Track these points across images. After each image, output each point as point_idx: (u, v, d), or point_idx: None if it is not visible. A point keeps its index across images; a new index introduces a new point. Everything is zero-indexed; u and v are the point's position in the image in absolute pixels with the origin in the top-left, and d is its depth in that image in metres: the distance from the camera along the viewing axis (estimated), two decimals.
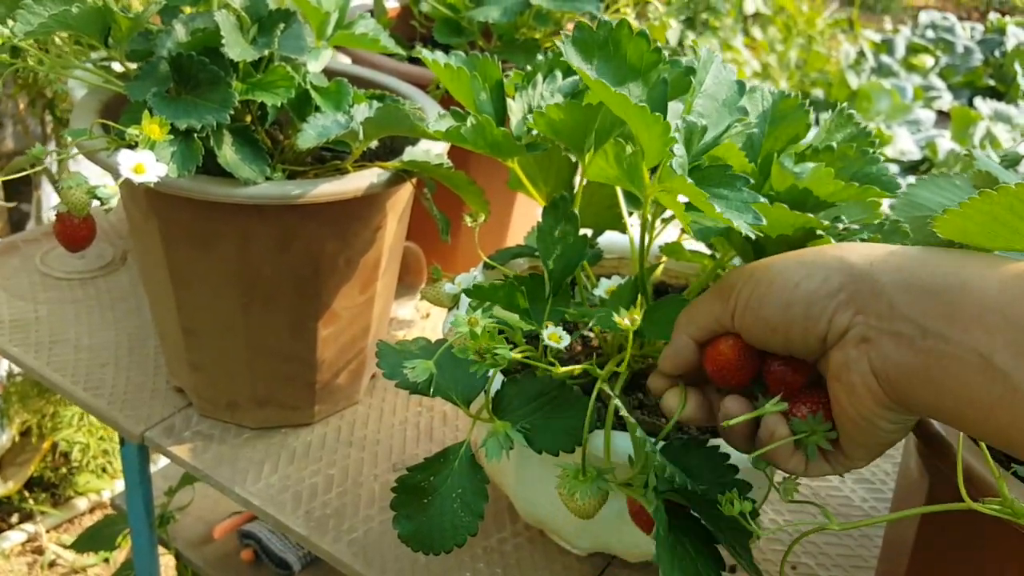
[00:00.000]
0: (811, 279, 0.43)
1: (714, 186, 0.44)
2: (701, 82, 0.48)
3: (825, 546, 0.73)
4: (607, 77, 0.48)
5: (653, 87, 0.48)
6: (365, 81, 0.84)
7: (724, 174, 0.44)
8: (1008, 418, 0.38)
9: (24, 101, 1.67)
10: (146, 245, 0.72)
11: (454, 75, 0.57)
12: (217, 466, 0.73)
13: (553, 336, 0.51)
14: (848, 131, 0.58)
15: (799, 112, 0.54)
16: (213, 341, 0.73)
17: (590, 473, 0.51)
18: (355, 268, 0.73)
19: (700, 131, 0.44)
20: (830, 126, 0.57)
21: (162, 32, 0.68)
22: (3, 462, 1.75)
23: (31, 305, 0.92)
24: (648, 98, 0.48)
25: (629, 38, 0.48)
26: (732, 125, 0.46)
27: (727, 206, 0.43)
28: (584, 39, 0.49)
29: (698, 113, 0.48)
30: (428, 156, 0.68)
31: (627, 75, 0.48)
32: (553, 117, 0.49)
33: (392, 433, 0.80)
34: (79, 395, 0.81)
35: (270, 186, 0.65)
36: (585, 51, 0.48)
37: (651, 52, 0.48)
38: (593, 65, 0.48)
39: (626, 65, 0.48)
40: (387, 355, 0.58)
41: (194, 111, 0.63)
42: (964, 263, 0.41)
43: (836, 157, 0.52)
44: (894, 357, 0.41)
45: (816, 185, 0.48)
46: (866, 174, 0.52)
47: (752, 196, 0.43)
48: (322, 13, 0.69)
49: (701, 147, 0.45)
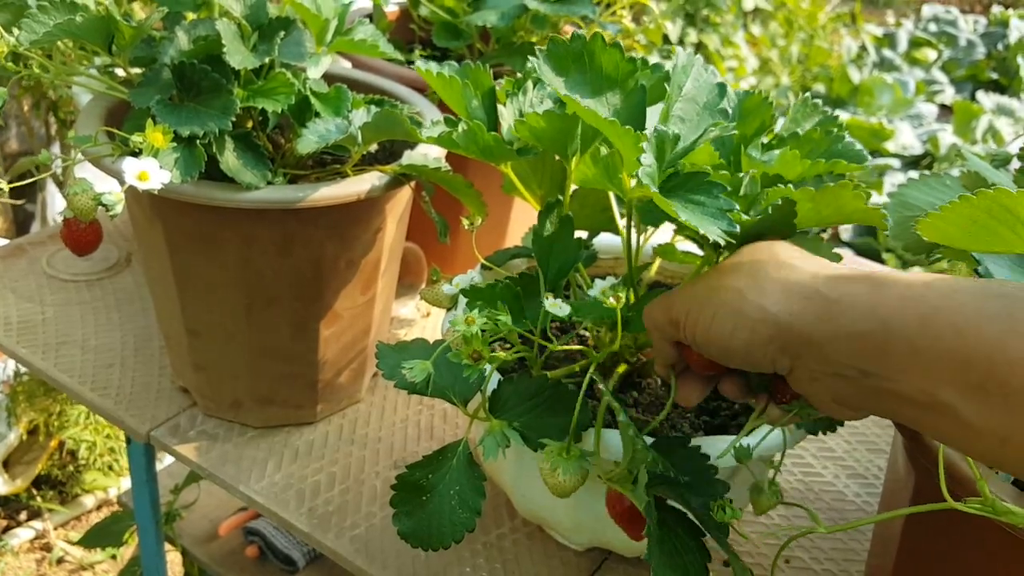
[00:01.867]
0: (741, 330, 0.44)
1: (691, 192, 0.45)
2: (681, 86, 0.49)
3: (818, 540, 0.75)
4: (584, 88, 0.49)
5: (630, 95, 0.49)
6: (365, 85, 0.85)
7: (701, 181, 0.45)
8: (964, 448, 0.39)
9: (28, 103, 1.69)
10: (151, 248, 0.73)
11: (446, 83, 0.58)
12: (222, 465, 0.75)
13: (554, 305, 0.52)
14: (815, 119, 0.59)
15: (763, 106, 0.56)
16: (216, 342, 0.74)
17: (574, 451, 0.53)
18: (356, 270, 0.74)
19: (672, 139, 0.45)
20: (795, 115, 0.59)
21: (164, 39, 0.70)
22: (11, 460, 1.77)
23: (38, 307, 0.93)
24: (625, 106, 0.49)
25: (603, 50, 0.50)
26: (708, 129, 0.48)
27: (702, 212, 0.44)
28: (558, 53, 0.50)
29: (678, 117, 0.49)
30: (426, 160, 0.70)
31: (604, 85, 0.50)
32: (534, 125, 0.50)
33: (393, 431, 0.81)
34: (86, 395, 0.82)
35: (271, 191, 0.66)
36: (559, 65, 0.49)
37: (626, 62, 0.49)
38: (569, 77, 0.49)
39: (602, 76, 0.50)
40: (386, 356, 0.59)
41: (196, 118, 0.64)
42: (878, 300, 0.41)
43: (803, 142, 0.54)
44: (844, 392, 0.42)
45: (784, 168, 0.49)
46: (832, 152, 0.53)
47: (728, 203, 0.44)
48: (322, 20, 0.70)
49: (679, 151, 0.47)
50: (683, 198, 0.44)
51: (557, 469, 0.52)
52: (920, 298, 0.39)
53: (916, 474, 0.54)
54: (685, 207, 0.44)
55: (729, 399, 0.60)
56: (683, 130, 0.48)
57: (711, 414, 0.65)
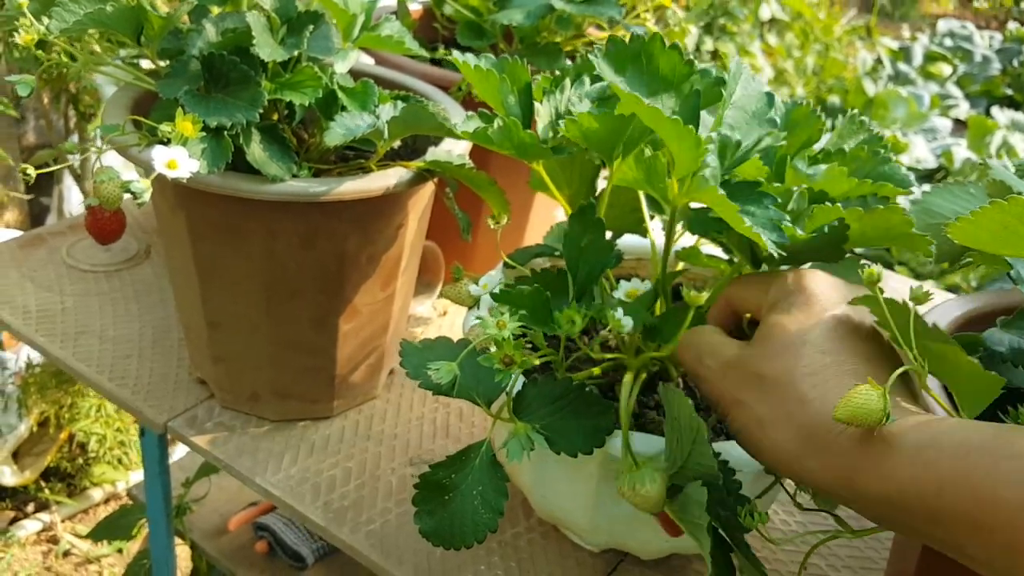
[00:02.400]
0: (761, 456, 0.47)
1: (742, 201, 0.45)
2: (731, 93, 0.49)
3: (836, 547, 0.74)
4: (640, 89, 0.49)
5: (686, 99, 0.49)
6: (388, 82, 0.85)
7: (753, 190, 0.45)
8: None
9: (48, 96, 1.69)
10: (173, 239, 0.74)
11: (483, 77, 0.58)
12: (238, 456, 0.75)
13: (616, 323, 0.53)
14: (861, 136, 0.59)
15: (812, 118, 0.55)
16: (237, 334, 0.74)
17: (641, 461, 0.52)
18: (377, 265, 0.74)
19: (734, 145, 0.45)
20: (842, 131, 0.58)
21: (192, 31, 0.70)
22: (20, 452, 1.77)
23: (57, 296, 0.93)
24: (680, 109, 0.49)
25: (662, 51, 0.49)
26: (763, 137, 0.47)
27: (754, 222, 0.44)
28: (617, 52, 0.49)
29: (729, 125, 0.49)
30: (450, 156, 0.70)
31: (659, 87, 0.49)
32: (585, 125, 0.50)
33: (409, 428, 0.81)
34: (104, 385, 0.82)
35: (296, 183, 0.66)
36: (618, 63, 0.49)
37: (683, 64, 0.49)
38: (625, 77, 0.49)
39: (659, 77, 0.49)
40: (411, 355, 0.59)
41: (224, 109, 0.64)
42: (893, 466, 0.40)
43: (849, 159, 0.53)
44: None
45: (830, 185, 0.49)
46: (879, 173, 0.53)
47: (778, 215, 0.44)
48: (349, 15, 0.70)
49: (737, 158, 0.46)
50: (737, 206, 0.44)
51: (635, 484, 0.51)
52: (933, 463, 0.39)
53: None
54: (742, 215, 0.44)
55: None
56: (735, 137, 0.48)
57: None
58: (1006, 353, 0.51)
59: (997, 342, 0.52)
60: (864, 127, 0.60)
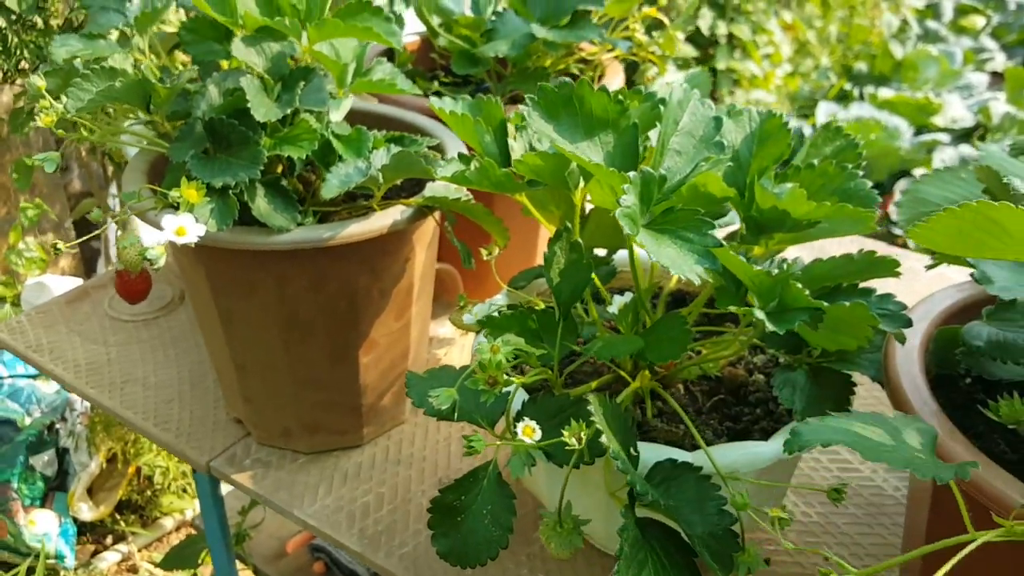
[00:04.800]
0: None
1: (682, 228, 0.47)
2: (677, 120, 0.51)
3: (858, 536, 0.75)
4: (577, 130, 0.52)
5: (622, 134, 0.51)
6: (389, 119, 0.88)
7: (693, 218, 0.47)
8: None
9: (86, 148, 1.77)
10: (196, 290, 0.78)
11: (459, 120, 0.61)
12: (276, 491, 0.79)
13: (527, 430, 0.53)
14: (837, 143, 0.60)
15: (782, 132, 0.57)
16: (261, 375, 0.78)
17: (567, 525, 0.55)
18: (389, 298, 0.78)
19: (659, 180, 0.47)
20: (817, 140, 0.60)
21: (197, 94, 0.74)
22: (94, 488, 1.87)
23: (103, 348, 0.99)
24: (617, 144, 0.51)
25: (591, 94, 0.52)
26: (699, 164, 0.50)
27: (689, 249, 0.46)
28: (548, 100, 0.52)
29: (675, 151, 0.51)
30: (447, 191, 0.73)
31: (596, 126, 0.52)
32: (532, 164, 0.53)
33: (437, 449, 0.85)
34: (150, 430, 0.88)
35: (302, 231, 0.70)
36: (550, 111, 0.52)
37: (614, 104, 0.52)
38: (561, 121, 0.52)
39: (593, 118, 0.52)
40: (415, 385, 0.62)
41: (228, 169, 0.68)
42: None
43: (817, 174, 0.55)
44: None
45: (792, 206, 0.51)
46: (845, 190, 0.54)
47: (714, 241, 0.46)
48: (341, 65, 0.74)
49: (671, 186, 0.49)
50: (675, 233, 0.47)
51: (551, 542, 0.55)
52: None
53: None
54: (674, 242, 0.46)
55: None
56: (679, 164, 0.50)
57: (734, 419, 0.66)
58: (984, 347, 0.52)
59: (975, 336, 0.54)
60: (840, 134, 0.62)
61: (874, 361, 0.61)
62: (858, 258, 0.55)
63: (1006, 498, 0.47)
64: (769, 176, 0.55)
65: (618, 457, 0.51)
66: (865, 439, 0.46)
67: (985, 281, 0.51)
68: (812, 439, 0.46)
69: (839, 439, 0.46)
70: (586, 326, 0.64)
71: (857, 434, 0.46)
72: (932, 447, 0.48)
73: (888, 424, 0.48)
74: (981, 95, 2.99)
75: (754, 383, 0.70)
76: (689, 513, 0.54)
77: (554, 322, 0.59)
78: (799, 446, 0.47)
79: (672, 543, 0.53)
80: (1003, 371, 0.54)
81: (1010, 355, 0.52)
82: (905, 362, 0.57)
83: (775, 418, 0.66)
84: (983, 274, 0.51)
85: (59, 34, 1.39)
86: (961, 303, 0.62)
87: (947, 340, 0.58)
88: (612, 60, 0.97)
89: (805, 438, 0.47)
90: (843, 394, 0.62)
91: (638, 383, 0.63)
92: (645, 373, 0.64)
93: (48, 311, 1.06)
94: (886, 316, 0.55)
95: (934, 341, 0.62)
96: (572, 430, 0.51)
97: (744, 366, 0.72)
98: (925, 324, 0.62)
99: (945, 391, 0.62)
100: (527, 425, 0.52)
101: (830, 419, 0.48)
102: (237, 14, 0.74)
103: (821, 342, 0.60)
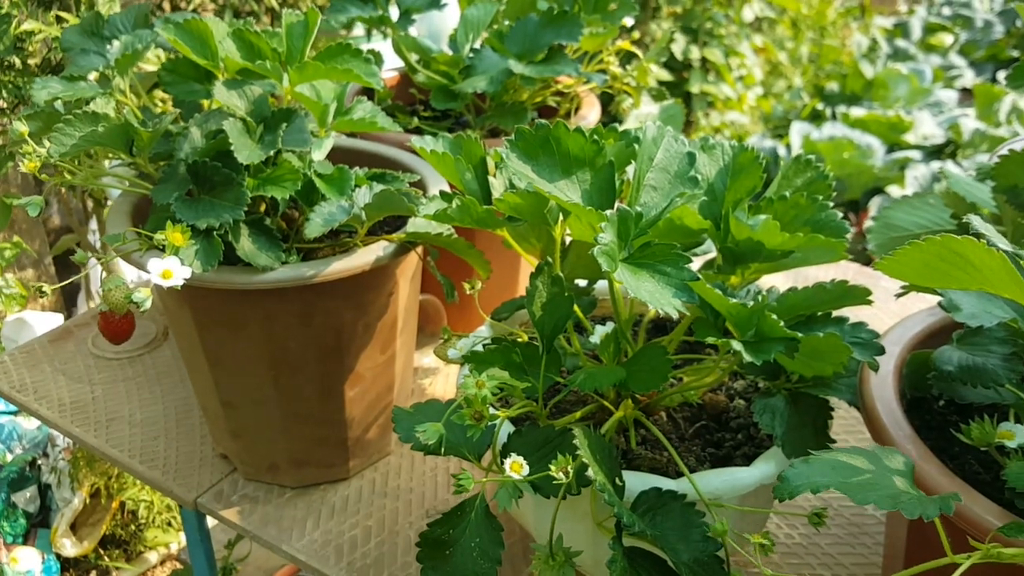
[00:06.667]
0: None
1: (660, 263, 0.48)
2: (652, 156, 0.53)
3: (840, 556, 0.77)
4: (555, 169, 0.53)
5: (599, 172, 0.53)
6: (371, 156, 0.90)
7: (670, 252, 0.49)
8: None
9: (63, 187, 1.78)
10: (182, 329, 0.79)
11: (440, 159, 0.63)
12: (264, 526, 0.80)
13: (515, 466, 0.54)
14: (808, 175, 0.62)
15: (754, 164, 0.59)
16: (249, 412, 0.79)
17: (559, 558, 0.56)
18: (373, 332, 0.79)
19: (635, 217, 0.49)
20: (788, 172, 0.62)
21: (180, 135, 0.75)
22: (77, 523, 1.85)
23: (87, 387, 0.99)
24: (594, 182, 0.53)
25: (567, 134, 0.54)
26: (675, 199, 0.51)
27: (666, 283, 0.47)
28: (525, 142, 0.54)
29: (651, 186, 0.52)
30: (430, 226, 0.74)
31: (573, 165, 0.53)
32: (511, 202, 0.54)
33: (424, 481, 0.85)
34: (136, 468, 0.88)
35: (287, 269, 0.71)
36: (529, 152, 0.54)
37: (590, 144, 0.53)
38: (539, 161, 0.53)
39: (570, 157, 0.53)
40: (401, 420, 0.63)
41: (212, 211, 0.69)
42: None
43: (789, 206, 0.57)
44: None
45: (766, 237, 0.52)
46: (816, 220, 0.56)
47: (691, 275, 0.48)
48: (322, 105, 0.75)
49: (647, 222, 0.50)
50: (653, 268, 0.48)
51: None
52: None
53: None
54: (652, 276, 0.47)
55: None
56: (655, 199, 0.52)
57: (716, 446, 0.68)
58: (955, 372, 0.54)
59: (946, 361, 0.55)
60: (811, 166, 0.63)
61: (850, 386, 0.63)
62: (831, 287, 0.56)
63: (984, 523, 0.49)
64: (743, 208, 0.56)
65: (604, 490, 0.52)
66: (852, 483, 0.47)
67: (953, 309, 0.52)
68: (802, 485, 0.47)
69: (827, 483, 0.47)
70: (569, 356, 0.65)
71: (844, 478, 0.47)
72: (912, 476, 0.49)
73: (869, 456, 0.49)
74: (951, 112, 3.05)
75: (735, 409, 0.71)
76: (675, 541, 0.55)
77: (538, 355, 0.60)
78: (789, 494, 0.48)
79: (659, 571, 0.54)
80: (973, 395, 0.56)
81: (979, 379, 0.53)
82: (879, 387, 0.59)
83: (756, 443, 0.67)
84: (951, 302, 0.53)
85: (38, 75, 1.39)
86: (933, 327, 0.64)
87: (920, 364, 0.60)
88: (588, 92, 0.99)
89: (794, 484, 0.48)
90: (821, 419, 0.63)
91: (621, 412, 0.64)
92: (628, 402, 0.66)
93: (31, 350, 1.05)
94: (859, 345, 0.56)
95: (908, 365, 0.63)
96: (559, 464, 0.52)
97: (725, 392, 0.73)
98: (899, 348, 0.64)
99: (920, 413, 0.63)
100: (515, 461, 0.52)
101: (816, 460, 0.49)
102: (218, 57, 0.75)
103: (798, 368, 0.61)
